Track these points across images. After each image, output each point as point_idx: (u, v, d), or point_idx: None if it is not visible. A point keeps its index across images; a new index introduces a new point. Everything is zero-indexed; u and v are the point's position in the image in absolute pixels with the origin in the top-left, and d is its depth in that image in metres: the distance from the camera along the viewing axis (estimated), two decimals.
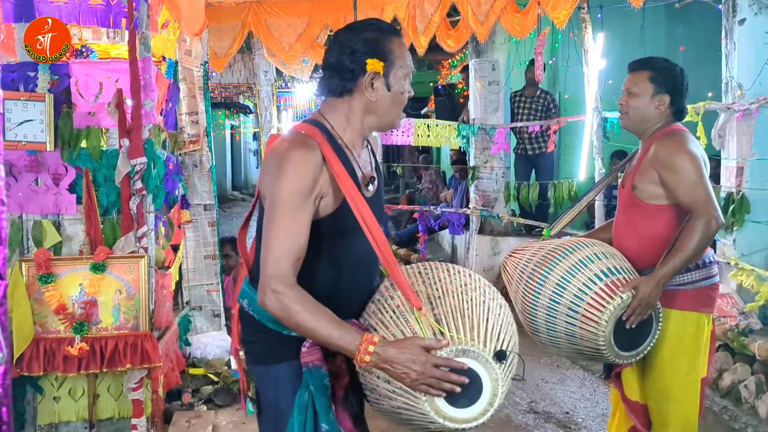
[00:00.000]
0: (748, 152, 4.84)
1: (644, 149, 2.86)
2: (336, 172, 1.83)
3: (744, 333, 4.50)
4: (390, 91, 1.90)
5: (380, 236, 1.85)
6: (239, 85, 10.67)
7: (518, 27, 6.58)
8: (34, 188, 3.36)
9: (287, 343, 1.88)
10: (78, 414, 3.42)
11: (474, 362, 1.73)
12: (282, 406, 1.92)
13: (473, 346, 1.73)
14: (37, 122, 3.28)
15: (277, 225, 1.78)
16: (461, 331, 1.76)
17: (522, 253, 2.89)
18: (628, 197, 2.85)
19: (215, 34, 8.15)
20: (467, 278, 1.93)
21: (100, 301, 3.30)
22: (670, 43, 7.66)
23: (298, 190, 1.79)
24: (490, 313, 1.84)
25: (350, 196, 1.83)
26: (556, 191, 7.18)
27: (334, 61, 1.90)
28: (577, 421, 4.20)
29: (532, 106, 8.00)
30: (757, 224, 4.87)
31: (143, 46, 3.40)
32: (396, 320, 1.82)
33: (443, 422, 1.71)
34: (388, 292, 1.92)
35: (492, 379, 1.74)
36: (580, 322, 2.60)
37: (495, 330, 1.81)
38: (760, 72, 4.80)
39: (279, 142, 1.87)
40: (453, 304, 1.82)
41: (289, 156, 1.81)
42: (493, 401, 1.74)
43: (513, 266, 2.88)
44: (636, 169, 2.84)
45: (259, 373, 1.99)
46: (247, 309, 1.97)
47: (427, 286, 1.88)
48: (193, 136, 4.93)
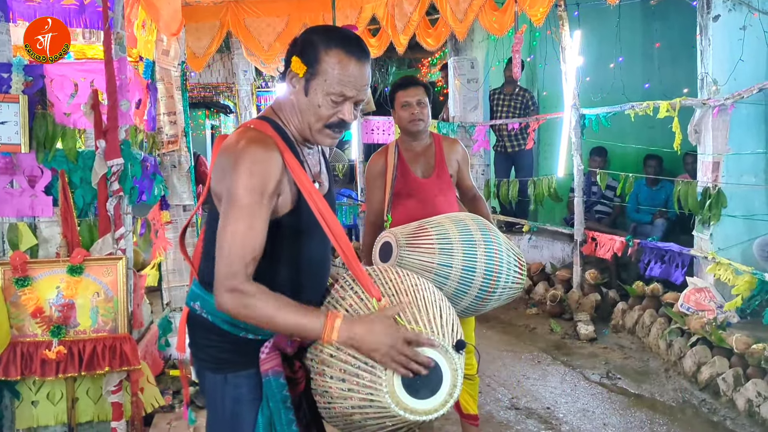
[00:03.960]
0: (723, 147, 4.90)
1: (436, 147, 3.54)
2: (291, 166, 1.81)
3: (722, 326, 4.55)
4: (306, 96, 1.85)
5: (339, 230, 1.84)
6: (219, 84, 10.62)
7: (496, 25, 6.61)
8: (9, 190, 3.33)
9: (245, 349, 1.85)
10: (57, 418, 3.38)
11: (434, 352, 1.73)
12: (242, 417, 1.87)
13: (434, 336, 1.74)
14: (12, 124, 3.24)
15: (234, 224, 1.73)
16: (420, 323, 1.76)
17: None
18: (446, 183, 3.49)
19: (193, 33, 8.10)
20: (416, 279, 1.95)
21: (78, 303, 3.26)
22: (646, 39, 7.74)
23: (256, 187, 1.74)
24: (442, 309, 1.86)
25: (307, 191, 1.81)
26: (536, 188, 7.23)
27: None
28: (558, 416, 4.22)
29: (511, 103, 8.04)
30: (733, 219, 4.94)
31: (118, 47, 3.37)
32: None
33: (404, 414, 1.69)
34: (338, 294, 1.91)
35: (452, 369, 1.74)
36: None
37: (449, 323, 1.83)
38: (734, 68, 4.86)
39: (233, 140, 1.82)
40: (407, 300, 1.83)
41: (246, 153, 1.76)
42: (453, 392, 1.74)
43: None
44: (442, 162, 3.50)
45: (215, 380, 1.90)
46: (199, 312, 1.90)
47: (380, 285, 1.88)
48: (172, 137, 4.90)
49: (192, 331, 1.96)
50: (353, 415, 1.76)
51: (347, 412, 1.77)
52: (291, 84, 1.88)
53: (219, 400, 1.91)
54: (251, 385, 1.86)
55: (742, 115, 4.92)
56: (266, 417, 1.83)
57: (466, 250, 2.86)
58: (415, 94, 3.43)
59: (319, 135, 1.88)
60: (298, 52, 1.85)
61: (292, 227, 1.86)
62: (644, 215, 6.79)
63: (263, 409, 1.83)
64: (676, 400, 4.42)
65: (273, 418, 1.83)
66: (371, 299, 1.81)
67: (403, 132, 3.53)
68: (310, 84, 1.83)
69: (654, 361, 5.07)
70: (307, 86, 1.84)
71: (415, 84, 3.50)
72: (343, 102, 1.84)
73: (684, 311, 4.95)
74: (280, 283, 1.82)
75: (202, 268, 1.95)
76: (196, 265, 2.00)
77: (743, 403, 4.07)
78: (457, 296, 2.85)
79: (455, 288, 2.84)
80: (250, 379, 1.86)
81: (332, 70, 1.81)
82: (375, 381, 1.71)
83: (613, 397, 4.52)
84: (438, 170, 3.49)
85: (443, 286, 2.81)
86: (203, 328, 1.91)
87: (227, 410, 1.90)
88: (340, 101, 1.84)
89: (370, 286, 1.83)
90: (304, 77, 1.84)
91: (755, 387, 4.03)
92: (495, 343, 5.55)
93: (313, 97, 1.84)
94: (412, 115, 3.43)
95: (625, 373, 4.93)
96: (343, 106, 1.85)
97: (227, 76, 10.20)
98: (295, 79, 1.86)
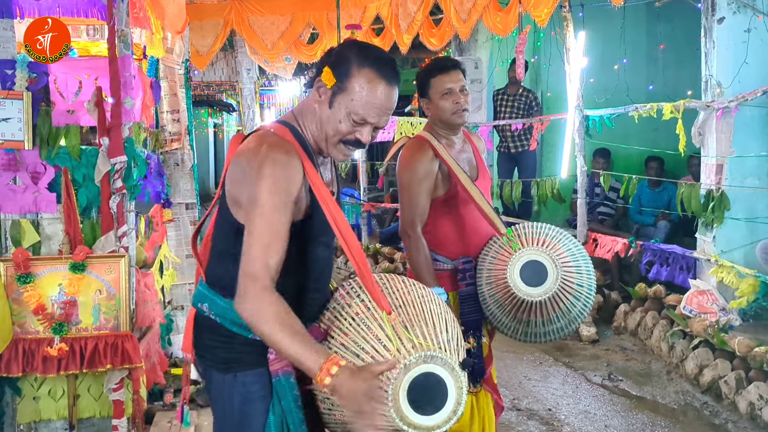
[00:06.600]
0: (727, 150, 4.89)
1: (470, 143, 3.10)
2: (309, 174, 1.81)
3: (724, 329, 4.54)
4: (330, 108, 1.85)
5: (352, 239, 1.83)
6: (222, 83, 10.63)
7: (500, 25, 6.61)
8: (12, 187, 3.32)
9: (253, 349, 1.85)
10: (58, 413, 3.39)
11: (440, 369, 1.72)
12: (251, 415, 1.87)
13: (441, 353, 1.73)
14: (15, 120, 3.24)
15: (260, 228, 1.74)
16: (428, 338, 1.75)
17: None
18: (489, 185, 3.10)
19: (197, 32, 8.10)
20: (423, 290, 1.94)
21: (80, 301, 3.26)
22: (650, 41, 7.73)
23: (281, 192, 1.75)
24: (449, 323, 1.85)
25: (323, 199, 1.81)
26: (539, 189, 7.22)
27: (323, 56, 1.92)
28: (559, 417, 4.22)
29: (515, 104, 8.03)
30: (736, 221, 4.92)
31: (123, 44, 3.37)
32: (357, 327, 1.81)
33: (408, 429, 1.69)
34: (344, 300, 1.91)
35: (457, 386, 1.74)
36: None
37: (456, 339, 1.82)
38: (738, 70, 4.85)
39: (254, 143, 1.83)
40: (414, 312, 1.82)
41: (269, 158, 1.76)
42: (458, 409, 1.73)
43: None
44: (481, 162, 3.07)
45: (223, 380, 1.90)
46: (207, 313, 1.91)
47: (387, 296, 1.86)
48: (175, 135, 4.90)
49: (199, 333, 1.96)
50: (354, 424, 1.75)
51: (348, 421, 1.77)
52: (317, 92, 1.88)
53: (227, 399, 1.90)
54: (261, 383, 1.86)
55: (746, 117, 4.90)
56: (278, 416, 1.83)
57: (589, 267, 2.75)
58: (458, 79, 2.89)
59: (333, 149, 1.89)
60: (331, 63, 1.85)
61: (304, 233, 1.86)
62: (647, 217, 6.78)
63: (274, 408, 1.84)
64: (678, 403, 4.42)
65: (285, 417, 1.83)
66: (379, 311, 1.80)
67: (441, 125, 2.95)
68: (336, 98, 1.84)
69: (656, 364, 5.07)
70: (332, 99, 1.84)
71: (455, 67, 2.93)
72: (364, 125, 1.85)
73: (686, 314, 4.94)
74: (286, 285, 1.81)
75: (211, 270, 1.95)
76: (204, 266, 1.99)
77: (745, 406, 4.06)
78: (577, 319, 2.77)
79: (579, 311, 2.75)
80: (260, 377, 1.86)
81: (360, 90, 1.81)
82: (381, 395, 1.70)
83: (614, 398, 4.51)
84: (481, 170, 3.06)
85: (573, 308, 2.71)
86: (211, 329, 1.91)
87: (236, 409, 1.89)
88: (361, 123, 1.84)
89: (380, 298, 1.81)
90: (331, 89, 1.84)
91: (757, 390, 4.02)
92: (496, 344, 5.49)
93: (337, 111, 1.84)
94: (457, 105, 2.87)
95: (626, 375, 4.92)
96: (363, 128, 1.85)
97: (231, 74, 10.21)
98: (322, 89, 1.86)
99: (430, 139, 2.90)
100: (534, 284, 2.64)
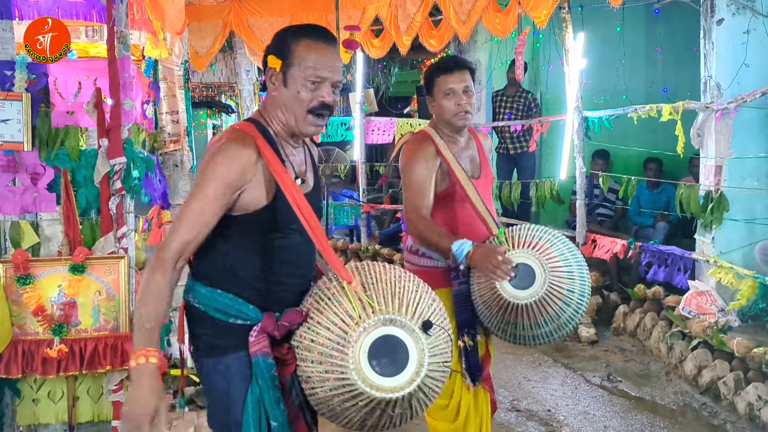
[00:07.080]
0: (726, 151, 4.90)
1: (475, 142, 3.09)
2: (270, 162, 1.92)
3: (723, 330, 4.55)
4: (286, 87, 1.97)
5: (314, 222, 1.95)
6: (221, 84, 10.63)
7: (499, 26, 6.61)
8: (11, 188, 3.32)
9: (234, 333, 1.96)
10: (57, 416, 3.38)
11: (401, 332, 1.82)
12: (233, 396, 1.97)
13: (400, 316, 1.82)
14: (14, 122, 3.24)
15: (187, 208, 1.89)
16: (389, 305, 1.86)
17: None
18: (491, 185, 3.11)
19: (196, 33, 8.10)
20: (401, 273, 2.02)
21: (80, 302, 3.26)
22: (649, 42, 7.73)
23: (215, 180, 1.88)
24: (421, 299, 1.93)
25: (285, 185, 1.93)
26: (538, 190, 7.22)
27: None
28: (558, 418, 4.22)
29: (514, 105, 8.03)
30: (735, 222, 4.93)
31: (122, 45, 3.37)
32: (330, 305, 1.91)
33: (370, 391, 1.78)
34: (325, 285, 2.00)
35: (418, 348, 1.82)
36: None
37: (423, 308, 1.90)
38: (737, 72, 4.86)
39: (216, 138, 1.99)
40: (384, 288, 1.92)
41: (220, 149, 1.91)
42: (420, 371, 1.81)
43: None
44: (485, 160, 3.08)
45: (209, 365, 2.02)
46: (192, 302, 2.03)
47: (362, 276, 1.96)
48: (174, 136, 4.90)
49: (189, 323, 2.07)
50: (333, 399, 1.84)
51: (327, 396, 1.85)
52: (271, 82, 2.02)
53: (213, 383, 2.02)
54: (241, 365, 1.96)
55: (745, 118, 4.91)
56: (255, 395, 1.93)
57: (583, 273, 2.71)
58: (461, 79, 2.85)
59: (304, 124, 2.00)
60: (271, 50, 2.01)
61: (268, 221, 1.96)
62: (646, 218, 6.78)
63: (253, 388, 1.94)
64: (677, 404, 4.42)
65: (262, 395, 1.92)
66: (349, 287, 1.90)
67: (444, 125, 2.95)
68: (288, 75, 1.97)
69: (655, 364, 5.07)
70: (285, 78, 1.98)
71: (461, 67, 2.89)
72: (321, 84, 1.97)
73: (685, 314, 4.94)
74: (255, 274, 1.96)
75: (196, 262, 2.05)
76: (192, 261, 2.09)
77: (744, 406, 4.07)
78: (567, 324, 2.74)
79: (569, 316, 2.71)
80: (239, 360, 1.96)
81: (306, 55, 1.95)
82: (344, 359, 1.79)
83: (613, 399, 4.52)
84: (484, 168, 3.03)
85: (562, 314, 2.69)
86: (197, 317, 2.03)
87: (220, 391, 2.00)
88: (318, 82, 1.96)
89: (341, 269, 1.92)
90: (281, 71, 1.98)
91: (756, 391, 4.03)
92: (496, 345, 5.53)
93: (292, 85, 1.97)
94: (459, 107, 2.84)
95: (626, 375, 4.92)
96: (321, 88, 1.97)
97: (230, 75, 10.21)
98: (274, 76, 2.00)
99: (432, 135, 2.90)
100: (521, 287, 2.64)
